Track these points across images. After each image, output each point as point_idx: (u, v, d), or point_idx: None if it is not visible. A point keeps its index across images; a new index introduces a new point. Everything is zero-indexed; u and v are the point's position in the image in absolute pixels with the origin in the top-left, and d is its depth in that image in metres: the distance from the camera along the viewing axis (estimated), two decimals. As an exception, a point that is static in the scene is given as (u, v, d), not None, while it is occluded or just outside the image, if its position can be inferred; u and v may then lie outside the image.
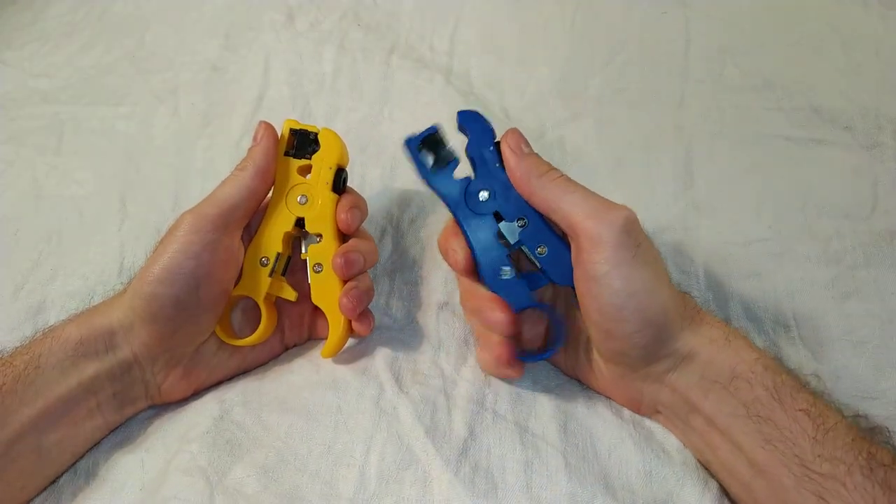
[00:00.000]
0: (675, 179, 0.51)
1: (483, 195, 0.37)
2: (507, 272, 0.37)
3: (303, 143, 0.42)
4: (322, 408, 0.37)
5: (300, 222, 0.41)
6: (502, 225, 0.37)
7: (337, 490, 0.33)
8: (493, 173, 0.37)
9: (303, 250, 0.41)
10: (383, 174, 0.53)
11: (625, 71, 0.58)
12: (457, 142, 0.39)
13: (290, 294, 0.41)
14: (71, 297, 0.46)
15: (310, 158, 0.41)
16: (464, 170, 0.38)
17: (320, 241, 0.41)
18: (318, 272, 0.40)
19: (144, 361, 0.37)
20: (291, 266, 0.42)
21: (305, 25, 0.63)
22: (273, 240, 0.40)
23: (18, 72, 0.62)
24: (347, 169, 0.43)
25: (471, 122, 0.37)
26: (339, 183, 0.41)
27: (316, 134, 0.41)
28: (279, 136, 0.41)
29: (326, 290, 0.40)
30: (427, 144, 0.38)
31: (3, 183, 0.54)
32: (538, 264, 0.37)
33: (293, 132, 0.42)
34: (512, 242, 0.37)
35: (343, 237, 0.42)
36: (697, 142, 0.53)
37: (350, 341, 0.42)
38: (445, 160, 0.38)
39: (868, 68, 0.56)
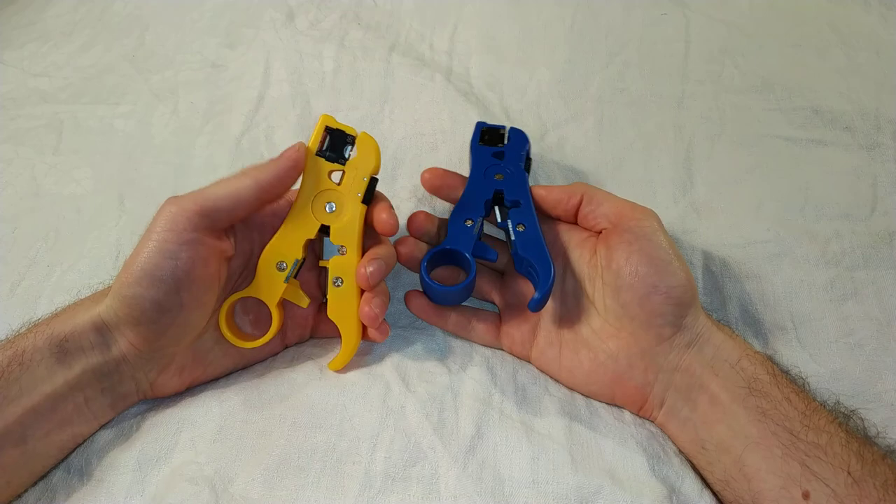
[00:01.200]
0: (674, 180, 0.51)
1: (498, 176, 0.44)
2: (470, 222, 0.42)
3: (337, 144, 0.39)
4: (326, 406, 0.37)
5: (324, 229, 0.39)
6: (500, 208, 0.44)
7: (342, 487, 0.33)
8: (514, 167, 0.45)
9: (324, 257, 0.40)
10: (384, 173, 0.52)
11: (625, 71, 0.58)
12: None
13: (303, 300, 0.40)
14: (66, 293, 0.46)
15: (343, 164, 0.39)
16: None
17: (343, 253, 0.39)
18: (338, 286, 0.39)
19: (134, 360, 0.36)
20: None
21: (305, 24, 0.63)
22: (294, 245, 0.39)
23: (18, 71, 0.62)
24: None
25: (517, 134, 0.47)
26: (371, 194, 0.39)
27: (353, 137, 0.39)
28: (313, 131, 0.39)
29: (344, 305, 0.39)
30: (489, 132, 0.47)
31: (2, 182, 0.54)
32: (512, 236, 0.41)
33: (328, 130, 0.39)
34: (501, 219, 0.43)
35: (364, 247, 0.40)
36: (697, 142, 0.53)
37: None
38: (494, 144, 0.46)
39: (868, 68, 0.56)
